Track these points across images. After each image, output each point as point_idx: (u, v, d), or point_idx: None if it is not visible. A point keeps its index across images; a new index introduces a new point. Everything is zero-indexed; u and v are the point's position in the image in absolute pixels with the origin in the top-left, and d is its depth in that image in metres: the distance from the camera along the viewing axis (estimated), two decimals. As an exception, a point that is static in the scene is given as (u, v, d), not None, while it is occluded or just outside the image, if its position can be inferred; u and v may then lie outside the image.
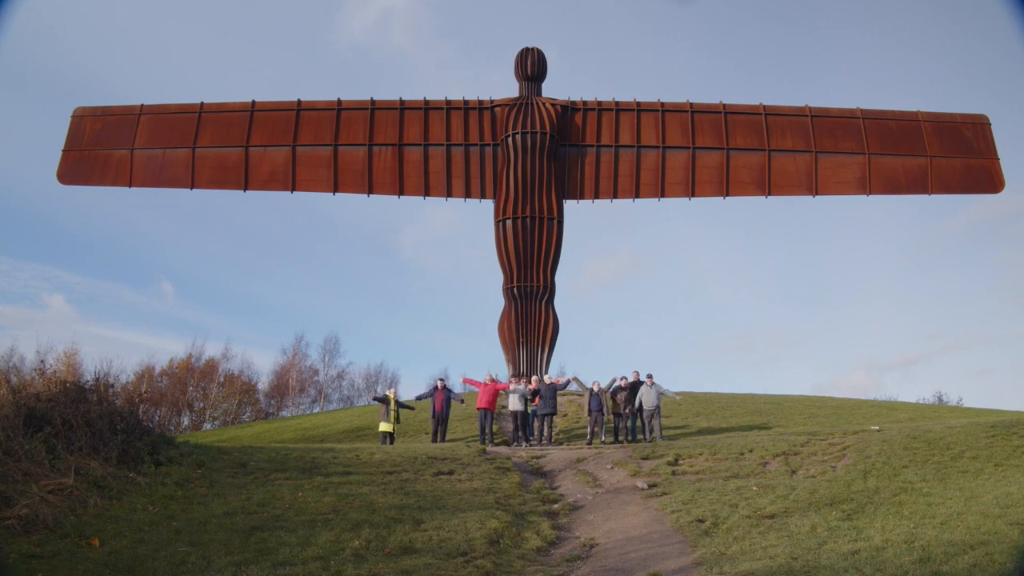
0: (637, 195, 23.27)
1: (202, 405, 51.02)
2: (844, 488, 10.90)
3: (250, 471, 12.30)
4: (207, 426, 47.58)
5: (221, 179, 22.79)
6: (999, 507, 8.68)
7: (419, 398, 21.21)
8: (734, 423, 21.50)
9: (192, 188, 22.64)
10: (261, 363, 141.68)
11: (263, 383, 56.84)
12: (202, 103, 23.02)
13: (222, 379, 52.50)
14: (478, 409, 19.15)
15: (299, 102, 23.18)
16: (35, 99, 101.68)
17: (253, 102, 23.12)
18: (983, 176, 22.57)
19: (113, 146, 22.52)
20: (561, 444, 18.81)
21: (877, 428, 16.43)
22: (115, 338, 77.56)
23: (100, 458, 10.62)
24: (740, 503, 10.36)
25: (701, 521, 9.60)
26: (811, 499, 10.29)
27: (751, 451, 14.33)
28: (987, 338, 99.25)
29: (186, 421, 48.80)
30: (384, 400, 19.77)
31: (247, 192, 22.76)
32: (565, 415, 22.58)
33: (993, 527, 7.82)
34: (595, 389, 19.07)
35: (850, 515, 9.21)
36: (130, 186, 22.49)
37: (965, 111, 25.38)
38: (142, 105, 22.95)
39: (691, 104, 23.39)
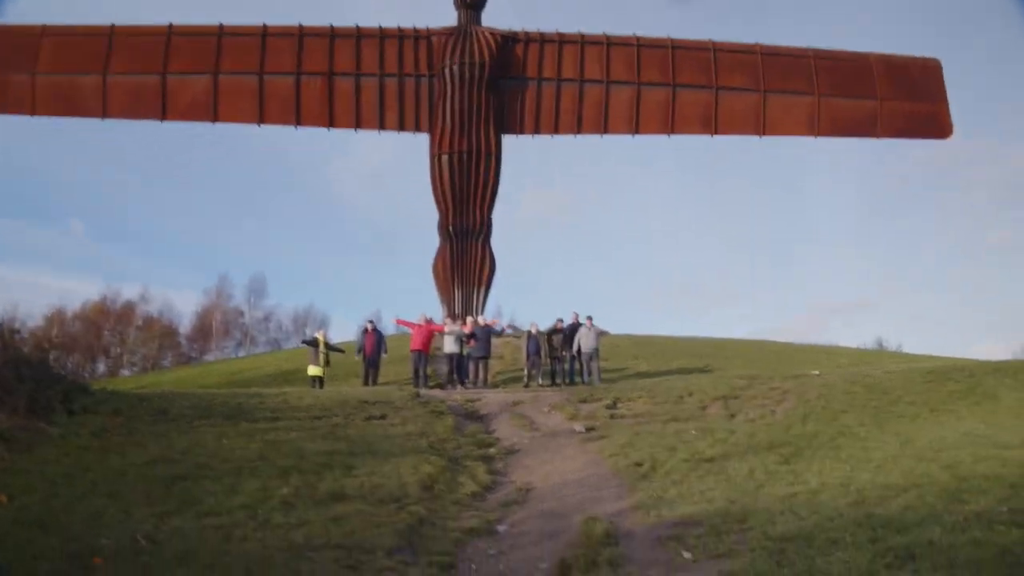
0: (579, 130, 22.65)
1: (119, 350, 49.35)
2: (783, 432, 10.98)
3: (172, 418, 11.80)
4: (125, 372, 46.33)
5: (136, 108, 21.45)
6: (932, 451, 8.78)
7: (358, 352, 19.19)
8: (674, 366, 21.55)
9: (104, 118, 21.21)
10: (182, 305, 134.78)
11: (184, 326, 55.38)
12: (113, 25, 21.24)
13: (140, 322, 50.79)
14: (412, 351, 18.66)
15: (221, 26, 21.61)
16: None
17: (170, 25, 21.43)
18: (932, 121, 22.55)
19: (11, 70, 20.81)
20: (497, 387, 18.63)
21: (817, 373, 16.60)
22: (20, 280, 73.29)
23: (6, 409, 9.92)
24: (679, 447, 10.35)
25: (639, 465, 9.58)
26: (750, 443, 10.35)
27: (691, 395, 14.32)
28: (927, 284, 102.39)
29: (102, 367, 47.41)
30: (313, 343, 19.14)
31: (164, 123, 21.60)
32: (501, 357, 22.34)
33: (926, 470, 7.88)
34: (533, 331, 18.89)
35: (788, 459, 9.25)
36: (33, 115, 20.94)
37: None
38: (44, 25, 21.01)
39: (637, 38, 22.67)
